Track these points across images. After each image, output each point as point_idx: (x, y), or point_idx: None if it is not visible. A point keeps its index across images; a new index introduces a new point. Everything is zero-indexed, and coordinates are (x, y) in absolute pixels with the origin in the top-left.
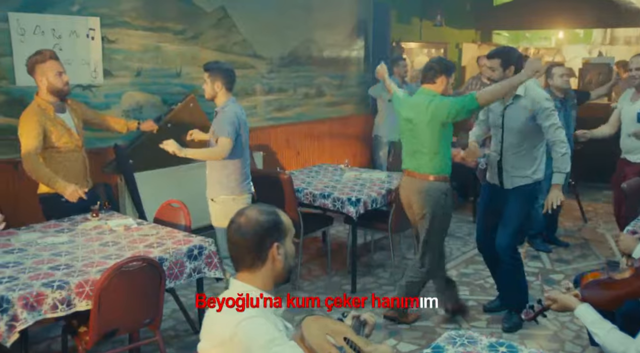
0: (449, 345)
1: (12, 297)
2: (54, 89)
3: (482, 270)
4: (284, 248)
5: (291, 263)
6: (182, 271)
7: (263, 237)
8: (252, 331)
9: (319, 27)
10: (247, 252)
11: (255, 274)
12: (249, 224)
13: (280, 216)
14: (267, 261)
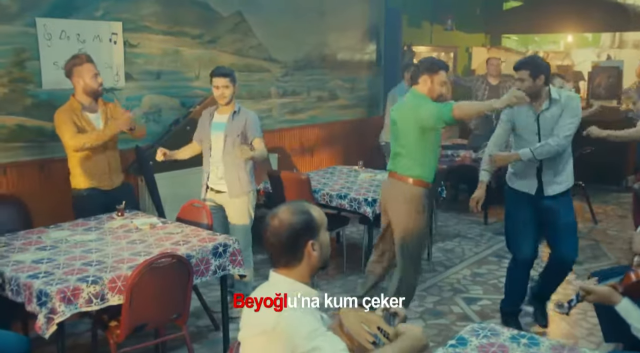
0: (473, 337)
1: (51, 290)
2: (90, 90)
3: (495, 270)
4: (318, 243)
5: (327, 253)
6: (207, 268)
7: (297, 238)
8: (294, 321)
9: (332, 31)
10: (282, 252)
11: (293, 270)
12: (282, 227)
13: (312, 213)
14: (304, 258)
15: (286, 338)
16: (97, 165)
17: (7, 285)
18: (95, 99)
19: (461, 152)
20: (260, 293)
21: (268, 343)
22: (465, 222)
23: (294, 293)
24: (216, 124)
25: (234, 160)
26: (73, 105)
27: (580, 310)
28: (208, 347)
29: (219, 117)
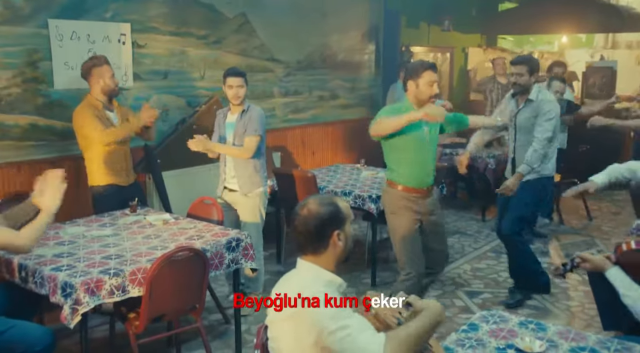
0: (483, 323)
1: (75, 282)
2: (108, 90)
3: (494, 265)
4: (343, 233)
5: (350, 245)
6: (221, 262)
7: (324, 227)
8: (322, 304)
9: (332, 32)
10: (310, 241)
11: (319, 257)
12: (311, 216)
13: (339, 205)
14: (329, 247)
15: (314, 320)
16: (117, 161)
17: (30, 277)
18: (110, 99)
19: (460, 150)
20: (288, 279)
21: (297, 325)
22: (464, 219)
23: (319, 280)
24: (229, 124)
25: (241, 160)
26: (93, 103)
27: (578, 302)
28: (220, 339)
29: (230, 117)
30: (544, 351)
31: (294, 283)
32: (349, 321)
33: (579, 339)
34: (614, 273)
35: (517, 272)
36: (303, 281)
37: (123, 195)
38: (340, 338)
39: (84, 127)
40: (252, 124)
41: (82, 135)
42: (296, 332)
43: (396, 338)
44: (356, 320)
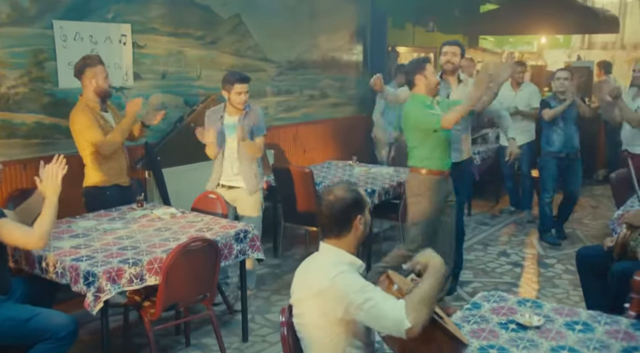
0: (485, 302)
1: (97, 271)
2: (101, 91)
3: (482, 256)
4: (364, 218)
5: (367, 231)
6: (230, 252)
7: (348, 211)
8: (347, 281)
9: (322, 33)
10: (335, 223)
11: (341, 240)
12: (337, 201)
13: (360, 192)
14: (352, 230)
15: (341, 295)
16: (117, 162)
17: (51, 268)
18: (103, 100)
19: None
20: (312, 261)
21: (324, 302)
22: None
23: (342, 262)
24: (228, 125)
25: (245, 158)
26: (90, 105)
27: (562, 289)
28: (226, 328)
29: (230, 118)
30: (542, 325)
31: (318, 264)
32: (373, 294)
33: (572, 314)
34: None
35: None
36: (327, 262)
37: (124, 195)
38: (367, 308)
39: (83, 133)
40: (258, 124)
41: (81, 137)
42: (323, 308)
43: (413, 300)
44: (378, 292)
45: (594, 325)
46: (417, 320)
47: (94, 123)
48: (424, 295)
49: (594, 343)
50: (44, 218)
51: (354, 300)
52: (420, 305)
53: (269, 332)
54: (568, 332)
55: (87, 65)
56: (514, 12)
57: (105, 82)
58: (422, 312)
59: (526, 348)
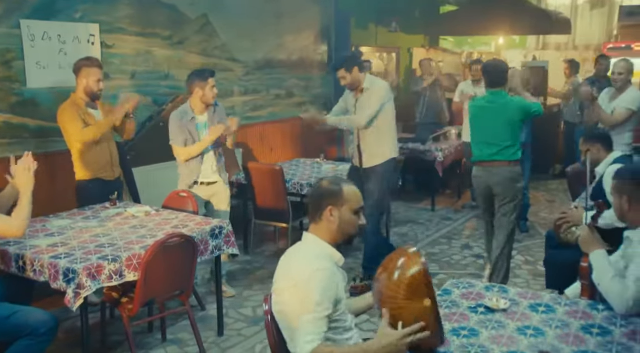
0: (455, 289)
1: (77, 268)
2: (90, 91)
3: (447, 250)
4: (338, 212)
5: (349, 230)
6: (206, 248)
7: (322, 200)
8: (319, 284)
9: (288, 33)
10: (312, 208)
11: (317, 226)
12: (317, 189)
13: (343, 189)
14: (324, 218)
15: (306, 294)
16: (101, 156)
17: (28, 266)
18: (92, 100)
19: (410, 144)
20: (296, 251)
21: (296, 294)
22: (415, 209)
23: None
24: (200, 124)
25: (224, 151)
26: (76, 101)
27: (523, 279)
28: (202, 324)
29: (200, 117)
30: (508, 308)
31: (302, 255)
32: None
33: (536, 298)
34: (595, 256)
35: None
36: (310, 254)
37: (107, 189)
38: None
39: (66, 125)
40: (224, 119)
41: (65, 132)
42: (300, 297)
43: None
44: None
45: (556, 307)
46: None
47: (76, 117)
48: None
49: (555, 323)
50: (21, 209)
51: (311, 302)
52: None
53: (243, 326)
54: (532, 314)
55: (85, 65)
56: (473, 14)
57: (96, 85)
58: None
59: (495, 329)
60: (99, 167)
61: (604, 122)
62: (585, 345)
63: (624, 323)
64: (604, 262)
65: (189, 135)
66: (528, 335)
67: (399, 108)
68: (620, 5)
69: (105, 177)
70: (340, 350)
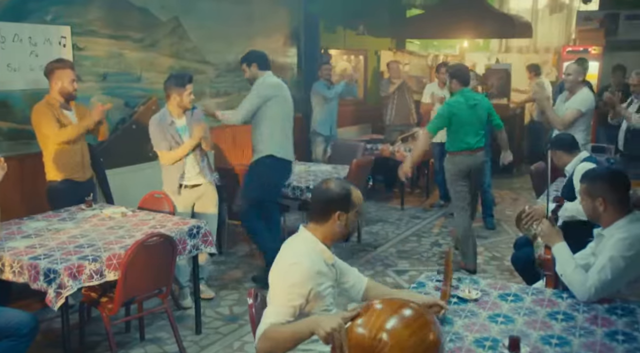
0: (429, 281)
1: (58, 268)
2: (65, 92)
3: (417, 247)
4: (345, 217)
5: (349, 231)
6: (184, 247)
7: (331, 204)
8: (291, 274)
9: (258, 36)
10: (318, 210)
11: (319, 227)
12: (326, 191)
13: (352, 193)
14: (329, 222)
15: (279, 282)
16: (72, 157)
17: (7, 267)
18: (67, 101)
19: (379, 145)
20: (289, 242)
21: (277, 276)
22: (385, 208)
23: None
24: (180, 128)
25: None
26: (51, 102)
27: (491, 274)
28: (179, 323)
29: (179, 121)
30: (479, 297)
31: (293, 247)
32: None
33: (505, 288)
34: (557, 248)
35: None
36: (300, 248)
37: (79, 190)
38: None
39: (40, 126)
40: (200, 121)
41: (39, 132)
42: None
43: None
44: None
45: (523, 296)
46: (259, 348)
47: (51, 117)
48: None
49: (523, 311)
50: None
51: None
52: (267, 339)
53: (220, 324)
54: (502, 303)
55: (58, 67)
56: (438, 18)
57: (71, 86)
58: (265, 344)
59: (467, 317)
60: (71, 168)
61: (553, 123)
62: (551, 330)
63: (585, 310)
64: (566, 253)
65: (172, 139)
66: (498, 322)
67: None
68: (577, 10)
69: (77, 178)
70: (285, 328)
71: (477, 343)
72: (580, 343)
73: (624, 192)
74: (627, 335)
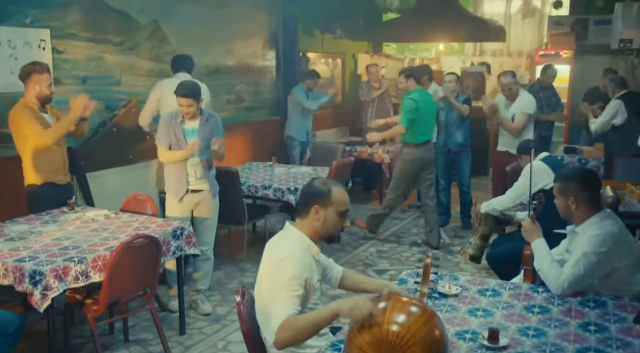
0: (410, 278)
1: (44, 270)
2: (43, 96)
3: (396, 247)
4: (323, 212)
5: (331, 230)
6: (168, 248)
7: (309, 198)
8: (287, 268)
9: (237, 39)
10: (299, 204)
11: (302, 222)
12: (307, 187)
13: (332, 190)
14: (310, 215)
15: (276, 277)
16: (54, 160)
17: None
18: (43, 104)
19: (358, 147)
20: (276, 238)
21: (270, 272)
22: (363, 209)
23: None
24: (188, 130)
25: (209, 161)
26: (29, 105)
27: (469, 273)
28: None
29: (190, 123)
30: (459, 293)
31: (281, 242)
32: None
33: (483, 284)
34: (536, 244)
35: None
36: (288, 242)
37: (60, 194)
38: (275, 298)
39: (21, 129)
40: (218, 129)
41: (19, 135)
42: (270, 277)
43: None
44: (291, 294)
45: (501, 291)
46: (279, 340)
47: (31, 118)
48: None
49: (501, 304)
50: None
51: (279, 285)
52: (287, 329)
53: (204, 325)
54: (481, 297)
55: (35, 71)
56: (414, 21)
57: (48, 89)
58: (286, 333)
59: (448, 311)
60: (53, 171)
61: (509, 131)
62: (528, 322)
63: (560, 303)
64: (544, 249)
65: (174, 137)
66: (478, 316)
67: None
68: (549, 15)
69: (58, 181)
70: (304, 317)
71: (458, 335)
72: (555, 334)
73: (595, 190)
74: (598, 326)
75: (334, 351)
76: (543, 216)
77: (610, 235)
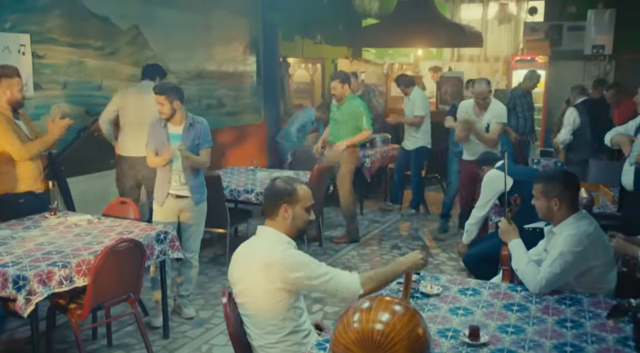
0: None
1: (28, 275)
2: (15, 101)
3: (377, 250)
4: (292, 210)
5: (300, 225)
6: (152, 252)
7: (275, 198)
8: (298, 256)
9: (217, 44)
10: (267, 205)
11: (274, 221)
12: (272, 187)
13: (296, 188)
14: (279, 215)
15: (294, 268)
16: (33, 169)
17: None
18: (15, 109)
19: None
20: (250, 243)
21: (272, 273)
22: None
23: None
24: (172, 135)
25: (195, 170)
26: (2, 111)
27: (450, 274)
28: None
29: (173, 128)
30: (441, 292)
31: (261, 245)
32: (326, 268)
33: (464, 283)
34: (513, 244)
35: None
36: (269, 243)
37: (38, 202)
38: (325, 280)
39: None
40: (204, 136)
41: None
42: (270, 278)
43: (370, 275)
44: (329, 267)
45: (481, 290)
46: (367, 290)
47: (8, 129)
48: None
49: (482, 303)
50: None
51: (311, 273)
52: (372, 280)
53: (188, 328)
54: (462, 297)
55: (4, 75)
56: (393, 27)
57: (19, 94)
58: (371, 285)
59: (430, 311)
60: (33, 181)
61: (486, 142)
62: (507, 320)
63: (538, 301)
64: (521, 250)
65: (159, 142)
66: (459, 315)
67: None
68: (524, 21)
69: (36, 190)
70: (375, 271)
71: (440, 333)
72: (533, 330)
73: (576, 192)
74: (574, 322)
75: (320, 350)
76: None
77: (586, 235)
